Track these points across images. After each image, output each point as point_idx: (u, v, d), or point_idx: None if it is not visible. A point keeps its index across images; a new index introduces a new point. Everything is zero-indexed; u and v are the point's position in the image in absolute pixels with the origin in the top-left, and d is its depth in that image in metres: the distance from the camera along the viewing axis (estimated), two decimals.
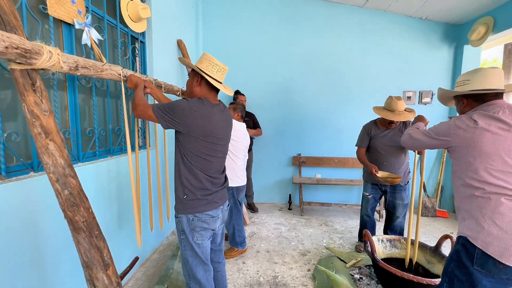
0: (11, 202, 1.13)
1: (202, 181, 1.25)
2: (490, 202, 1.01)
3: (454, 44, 3.48)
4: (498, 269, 0.98)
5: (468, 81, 1.15)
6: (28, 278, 1.21)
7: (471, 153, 1.04)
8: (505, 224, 0.97)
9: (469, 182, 1.06)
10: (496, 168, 1.00)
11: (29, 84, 0.97)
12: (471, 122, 1.05)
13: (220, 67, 1.28)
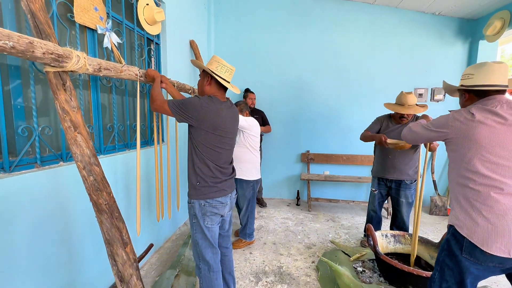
0: (45, 187, 1.30)
1: (212, 170, 1.39)
2: (480, 194, 1.05)
3: (469, 39, 3.40)
4: (485, 257, 1.02)
5: (472, 75, 1.17)
6: (59, 254, 1.38)
7: (466, 144, 1.09)
8: (491, 216, 1.01)
9: (462, 172, 1.11)
10: (489, 160, 1.04)
11: (61, 84, 1.12)
12: (468, 115, 1.09)
13: (228, 67, 1.42)
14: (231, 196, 1.53)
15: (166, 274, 1.95)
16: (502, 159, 1.03)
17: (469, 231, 1.06)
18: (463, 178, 1.11)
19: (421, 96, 3.57)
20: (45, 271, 1.31)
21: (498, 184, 1.02)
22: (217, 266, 1.49)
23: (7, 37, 0.84)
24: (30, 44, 0.91)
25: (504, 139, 1.03)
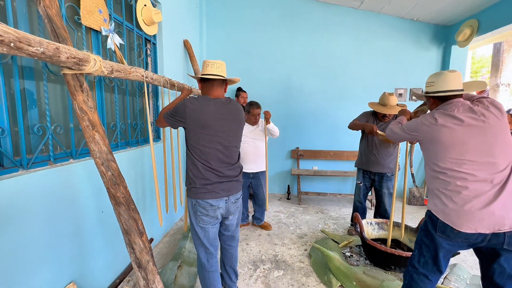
0: (57, 183, 1.36)
1: (201, 171, 1.36)
2: (449, 184, 1.25)
3: (443, 44, 3.71)
4: (454, 234, 1.23)
5: (433, 83, 1.37)
6: (71, 246, 1.45)
7: (433, 145, 1.29)
8: (459, 201, 1.21)
9: (434, 167, 1.31)
10: (454, 156, 1.24)
11: (78, 86, 1.20)
12: (433, 120, 1.29)
13: (211, 62, 1.43)
14: (228, 200, 1.44)
15: (169, 265, 2.05)
16: (464, 155, 1.23)
17: (443, 214, 1.26)
18: (435, 172, 1.31)
19: (401, 95, 3.86)
20: (59, 262, 1.38)
21: (463, 176, 1.22)
22: (210, 266, 1.50)
23: (39, 43, 0.92)
24: (57, 49, 0.99)
25: (463, 138, 1.23)
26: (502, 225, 1.16)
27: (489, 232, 1.17)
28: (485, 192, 1.18)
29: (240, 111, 1.53)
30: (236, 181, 1.49)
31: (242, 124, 1.55)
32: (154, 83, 1.79)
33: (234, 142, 1.49)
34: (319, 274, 2.04)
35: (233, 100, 1.52)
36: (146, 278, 1.25)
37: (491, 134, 1.21)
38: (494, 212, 1.16)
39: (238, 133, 1.53)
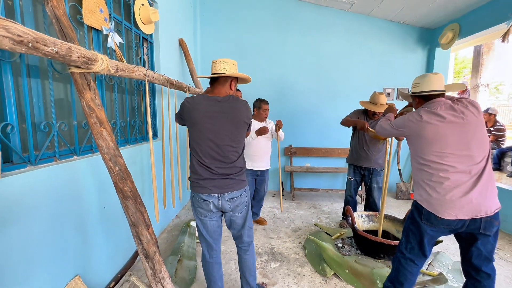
0: (62, 179, 1.40)
1: (195, 167, 1.42)
2: (433, 175, 1.38)
3: (428, 46, 3.91)
4: (437, 221, 1.36)
5: (418, 84, 1.50)
6: (75, 241, 1.49)
7: (419, 139, 1.41)
8: (441, 191, 1.34)
9: (419, 160, 1.43)
10: (436, 150, 1.36)
11: (86, 84, 1.24)
12: (418, 116, 1.41)
13: (217, 62, 1.46)
14: (222, 197, 1.43)
15: (169, 259, 2.10)
16: (445, 149, 1.35)
17: (427, 203, 1.39)
18: (420, 164, 1.44)
19: (388, 95, 4.04)
20: (64, 257, 1.42)
21: (445, 167, 1.35)
22: (210, 257, 1.57)
23: (53, 43, 0.96)
24: (69, 49, 1.03)
25: (444, 133, 1.35)
26: (478, 212, 1.29)
27: (468, 218, 1.30)
28: (464, 182, 1.31)
29: (237, 109, 1.44)
30: (231, 179, 1.44)
31: (239, 123, 1.45)
32: (154, 81, 1.83)
33: (229, 141, 1.42)
34: (314, 264, 2.14)
35: (233, 98, 1.46)
36: (153, 268, 1.31)
37: (469, 130, 1.34)
38: (472, 200, 1.29)
39: (235, 132, 1.44)
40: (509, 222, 2.78)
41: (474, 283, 1.43)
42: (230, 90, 1.50)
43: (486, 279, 1.40)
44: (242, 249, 1.63)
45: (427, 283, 1.83)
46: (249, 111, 1.53)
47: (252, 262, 1.64)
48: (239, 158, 1.49)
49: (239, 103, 1.48)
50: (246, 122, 1.51)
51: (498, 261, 2.25)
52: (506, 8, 2.71)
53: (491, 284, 1.40)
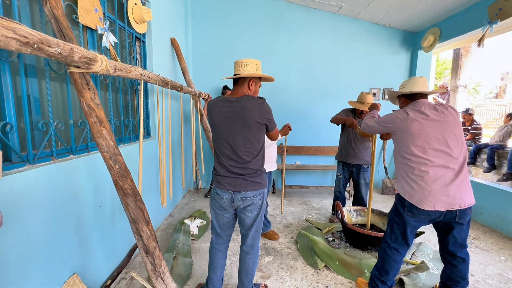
0: (59, 178, 1.41)
1: (215, 163, 1.55)
2: (414, 169, 1.49)
3: (411, 49, 4.10)
4: (419, 212, 1.48)
5: (405, 85, 1.64)
6: (72, 239, 1.50)
7: (404, 135, 1.53)
8: (422, 183, 1.46)
9: (403, 154, 1.55)
10: (419, 145, 1.48)
11: (85, 84, 1.26)
12: (405, 114, 1.53)
13: (236, 63, 1.51)
14: (234, 195, 1.47)
15: (164, 257, 2.13)
16: (427, 144, 1.48)
17: (409, 195, 1.51)
18: (403, 158, 1.55)
19: (375, 95, 4.21)
20: (62, 255, 1.43)
21: (426, 161, 1.47)
22: (215, 244, 1.65)
23: (57, 44, 0.99)
24: (71, 50, 1.06)
25: (427, 130, 1.48)
26: (454, 204, 1.42)
27: (444, 210, 1.43)
28: (443, 176, 1.44)
29: (249, 109, 1.41)
30: (244, 179, 1.46)
31: (250, 123, 1.42)
32: (150, 81, 1.85)
33: (241, 142, 1.43)
34: (306, 257, 2.24)
35: (247, 98, 1.44)
36: (154, 263, 1.35)
37: (448, 128, 1.48)
38: (449, 194, 1.42)
39: (246, 133, 1.43)
40: (484, 214, 3.00)
41: (451, 268, 1.58)
42: (249, 90, 1.50)
43: (461, 264, 1.55)
44: (244, 251, 1.63)
45: (410, 271, 1.96)
46: (265, 110, 1.45)
47: (250, 266, 1.63)
48: (254, 160, 1.47)
49: (252, 103, 1.43)
50: (259, 122, 1.44)
51: (474, 250, 2.44)
52: (481, 15, 2.91)
53: (465, 268, 1.56)
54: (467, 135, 4.71)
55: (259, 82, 1.57)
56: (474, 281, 1.97)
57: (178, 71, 3.47)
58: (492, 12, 2.76)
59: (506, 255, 2.35)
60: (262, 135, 1.52)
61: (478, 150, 4.37)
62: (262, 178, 1.54)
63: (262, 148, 1.52)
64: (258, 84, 1.55)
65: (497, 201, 2.87)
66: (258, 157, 1.50)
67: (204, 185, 4.33)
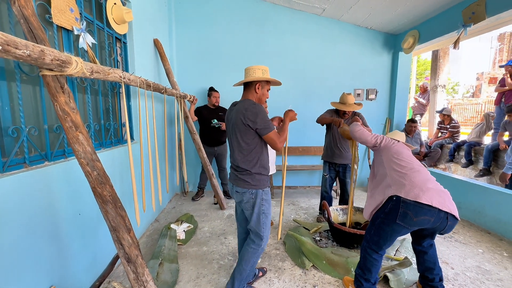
0: (33, 186, 1.34)
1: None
2: (408, 169, 1.61)
3: (392, 50, 4.23)
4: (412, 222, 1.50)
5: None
6: (50, 250, 1.43)
7: (392, 149, 1.70)
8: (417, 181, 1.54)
9: (393, 160, 1.67)
10: (408, 154, 1.63)
11: (59, 87, 1.20)
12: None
13: (245, 69, 1.62)
14: (235, 190, 1.62)
15: (149, 263, 2.08)
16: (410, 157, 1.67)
17: (405, 192, 1.52)
18: (394, 163, 1.67)
19: (359, 95, 4.30)
20: (38, 267, 1.36)
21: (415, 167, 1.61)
22: (239, 234, 1.90)
23: (25, 46, 0.94)
24: (42, 52, 1.00)
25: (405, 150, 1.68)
26: (444, 205, 1.47)
27: (440, 207, 1.45)
28: (431, 179, 1.57)
29: (238, 111, 1.51)
30: (236, 175, 1.62)
31: (237, 123, 1.51)
32: (131, 83, 1.80)
33: (235, 142, 1.57)
34: (294, 257, 2.24)
35: (243, 100, 1.56)
36: (136, 272, 1.31)
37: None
38: (440, 194, 1.51)
39: (236, 133, 1.53)
40: (463, 208, 3.13)
41: (423, 255, 1.72)
42: (256, 94, 1.62)
43: (430, 249, 1.71)
44: (247, 241, 1.71)
45: (394, 267, 2.01)
46: (250, 112, 1.48)
47: (245, 258, 1.66)
48: (243, 159, 1.57)
49: (242, 104, 1.54)
50: (244, 123, 1.49)
51: (454, 243, 2.54)
52: (456, 18, 3.04)
53: (434, 252, 1.72)
54: (446, 133, 4.91)
55: (266, 86, 1.65)
56: (454, 274, 2.05)
57: (162, 73, 3.40)
58: (466, 16, 2.90)
59: (483, 247, 2.46)
60: (251, 137, 1.54)
61: (457, 147, 4.56)
62: (253, 178, 1.58)
63: (254, 150, 1.56)
64: (265, 87, 1.65)
65: (474, 196, 3.01)
66: (249, 158, 1.57)
67: (191, 189, 4.27)
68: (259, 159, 1.58)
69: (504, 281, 1.96)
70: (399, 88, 4.23)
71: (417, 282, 1.89)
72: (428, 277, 1.71)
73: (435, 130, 5.47)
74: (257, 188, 1.60)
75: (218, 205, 3.54)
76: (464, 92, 17.92)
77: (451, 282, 1.94)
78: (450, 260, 2.23)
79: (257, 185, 1.59)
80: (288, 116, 1.76)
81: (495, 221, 2.75)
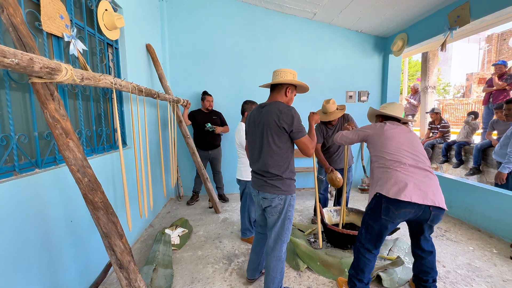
0: (24, 194, 1.33)
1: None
2: (390, 166, 1.61)
3: (382, 53, 4.31)
4: (395, 215, 1.53)
5: (385, 107, 1.85)
6: (41, 258, 1.41)
7: (380, 138, 1.69)
8: (398, 178, 1.55)
9: (378, 154, 1.68)
10: (393, 146, 1.64)
11: (49, 94, 1.20)
12: (381, 123, 1.74)
13: (275, 71, 1.63)
14: (259, 195, 1.63)
15: (143, 269, 2.06)
16: (399, 146, 1.64)
17: (386, 189, 1.56)
18: (379, 158, 1.69)
19: (351, 97, 4.36)
20: (29, 276, 1.34)
21: (399, 159, 1.61)
22: (255, 240, 1.91)
23: (13, 55, 0.94)
24: (31, 60, 1.01)
25: (398, 136, 1.67)
26: (426, 198, 1.50)
27: (420, 202, 1.49)
28: (414, 173, 1.56)
29: (270, 113, 1.51)
30: (264, 181, 1.58)
31: (270, 126, 1.51)
32: (122, 89, 1.81)
33: (266, 146, 1.54)
34: (288, 259, 2.25)
35: (274, 102, 1.56)
36: (128, 278, 1.30)
37: (414, 138, 1.69)
38: (421, 188, 1.52)
39: (268, 136, 1.53)
40: (454, 207, 3.18)
41: (421, 260, 1.71)
42: (285, 97, 1.61)
43: (429, 256, 1.69)
44: (266, 250, 1.69)
45: (387, 266, 2.04)
46: (285, 115, 1.48)
47: (271, 267, 1.64)
48: (274, 164, 1.53)
49: (274, 106, 1.53)
50: (278, 126, 1.48)
51: (445, 242, 2.58)
52: (443, 21, 3.13)
53: (433, 259, 1.70)
54: (437, 133, 5.00)
55: (294, 91, 1.67)
56: (445, 272, 2.08)
57: (155, 78, 3.40)
58: (451, 19, 2.98)
59: (474, 245, 2.51)
60: (284, 140, 1.53)
61: (448, 147, 4.65)
62: (284, 184, 1.55)
63: (285, 154, 1.54)
64: (294, 92, 1.65)
65: (465, 194, 3.07)
66: (280, 163, 1.54)
67: (186, 193, 4.25)
68: (289, 164, 1.57)
69: (494, 277, 2.00)
70: (390, 90, 4.31)
71: (410, 281, 1.91)
72: (422, 278, 1.72)
73: (426, 130, 5.57)
74: (287, 193, 1.57)
75: (213, 209, 3.54)
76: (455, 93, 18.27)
77: (442, 280, 1.98)
78: (442, 258, 2.27)
79: (287, 190, 1.57)
80: (313, 120, 1.77)
81: (485, 219, 2.81)
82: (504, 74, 4.34)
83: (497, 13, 2.58)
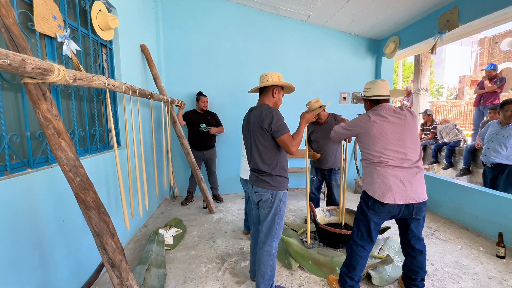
0: (16, 194, 1.33)
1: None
2: (376, 167, 1.61)
3: (375, 55, 4.38)
4: (380, 210, 1.58)
5: (369, 89, 1.76)
6: (31, 258, 1.42)
7: (367, 136, 1.65)
8: (383, 180, 1.57)
9: (366, 155, 1.67)
10: (380, 145, 1.60)
11: (41, 95, 1.22)
12: (367, 117, 1.66)
13: (261, 76, 1.71)
14: (253, 188, 1.70)
15: (136, 269, 2.07)
16: (386, 145, 1.60)
17: (372, 190, 1.61)
18: (367, 158, 1.68)
19: (345, 99, 4.42)
20: (19, 276, 1.34)
21: (385, 160, 1.59)
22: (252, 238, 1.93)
23: (5, 55, 0.95)
24: (23, 61, 1.02)
25: (386, 131, 1.61)
26: (410, 198, 1.54)
27: (403, 203, 1.54)
28: (398, 174, 1.56)
29: (255, 115, 1.62)
30: (256, 176, 1.67)
31: (254, 128, 1.61)
32: (116, 90, 1.82)
33: (254, 146, 1.65)
34: (281, 259, 2.28)
35: (260, 105, 1.65)
36: (120, 277, 1.32)
37: (406, 130, 1.62)
38: (406, 188, 1.54)
39: (254, 138, 1.63)
40: (444, 207, 3.25)
41: (411, 259, 1.72)
42: (273, 98, 1.71)
43: (419, 255, 1.70)
44: (258, 244, 1.75)
45: (377, 264, 2.08)
46: (265, 115, 1.56)
47: (262, 262, 1.68)
48: (262, 163, 1.63)
49: (259, 109, 1.63)
50: (261, 127, 1.57)
51: (434, 240, 2.64)
52: (433, 25, 3.20)
53: (423, 259, 1.71)
54: (429, 134, 5.09)
55: (281, 92, 1.76)
56: (433, 270, 2.13)
57: (150, 78, 3.41)
58: (441, 23, 3.05)
59: (462, 243, 2.57)
60: (268, 140, 1.61)
61: (438, 149, 4.74)
62: (273, 180, 1.63)
63: (272, 153, 1.62)
64: (281, 93, 1.75)
65: (454, 194, 3.13)
66: (268, 161, 1.62)
67: (181, 193, 4.25)
68: (278, 161, 1.64)
69: (480, 274, 2.06)
70: None
71: (399, 279, 1.96)
72: (411, 276, 1.75)
73: (418, 131, 5.66)
74: (277, 189, 1.64)
75: (208, 209, 3.55)
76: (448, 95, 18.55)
77: (430, 278, 2.02)
78: (430, 257, 2.32)
79: (277, 186, 1.64)
80: (304, 118, 1.78)
81: (472, 218, 2.87)
82: (494, 77, 4.45)
83: (485, 18, 2.65)
